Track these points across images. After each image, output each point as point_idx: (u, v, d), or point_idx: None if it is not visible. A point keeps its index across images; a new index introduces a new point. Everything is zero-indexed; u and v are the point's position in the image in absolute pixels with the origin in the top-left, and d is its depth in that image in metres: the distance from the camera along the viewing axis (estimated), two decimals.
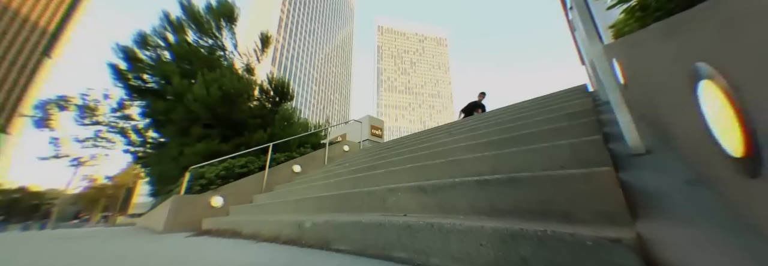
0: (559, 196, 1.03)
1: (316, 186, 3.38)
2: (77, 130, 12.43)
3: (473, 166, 1.81)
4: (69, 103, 12.57)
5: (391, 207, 1.72)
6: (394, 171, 2.37)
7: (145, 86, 8.10)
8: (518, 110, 4.04)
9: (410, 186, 1.64)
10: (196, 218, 4.33)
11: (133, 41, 8.09)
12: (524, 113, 3.27)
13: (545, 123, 2.35)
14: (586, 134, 1.63)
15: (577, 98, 3.27)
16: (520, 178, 1.17)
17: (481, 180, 1.31)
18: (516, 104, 4.97)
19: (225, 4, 8.68)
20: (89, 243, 3.58)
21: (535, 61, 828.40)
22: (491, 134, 2.67)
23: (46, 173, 79.80)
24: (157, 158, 9.09)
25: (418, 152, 3.11)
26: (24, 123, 53.57)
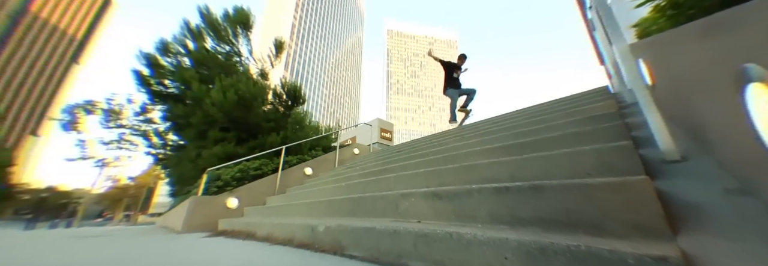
0: (588, 206, 0.95)
1: (327, 189, 3.34)
2: (102, 133, 12.76)
3: (489, 172, 1.72)
4: (95, 107, 12.98)
5: (404, 212, 1.66)
6: (405, 176, 2.31)
7: (166, 91, 8.31)
8: (533, 113, 3.83)
9: (424, 192, 1.58)
10: (213, 219, 4.36)
11: (156, 48, 8.32)
12: (540, 117, 3.08)
13: (565, 127, 2.22)
14: (612, 138, 1.53)
15: (599, 100, 3.08)
16: (543, 186, 1.09)
17: (500, 187, 1.23)
18: (530, 107, 4.72)
19: (241, 11, 8.84)
20: (110, 241, 3.64)
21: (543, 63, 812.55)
22: (506, 139, 2.55)
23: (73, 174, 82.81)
24: (176, 160, 9.29)
25: (430, 156, 3.02)
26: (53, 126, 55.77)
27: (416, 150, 3.97)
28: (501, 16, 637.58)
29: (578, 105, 3.13)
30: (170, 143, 10.29)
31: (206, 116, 7.14)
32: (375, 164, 3.92)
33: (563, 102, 3.99)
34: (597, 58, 4.43)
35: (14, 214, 46.86)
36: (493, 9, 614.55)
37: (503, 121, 3.98)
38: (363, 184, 2.73)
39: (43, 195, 47.67)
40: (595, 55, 4.49)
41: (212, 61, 8.21)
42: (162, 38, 8.38)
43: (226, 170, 5.52)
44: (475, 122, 5.40)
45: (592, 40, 4.00)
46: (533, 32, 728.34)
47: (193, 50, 8.32)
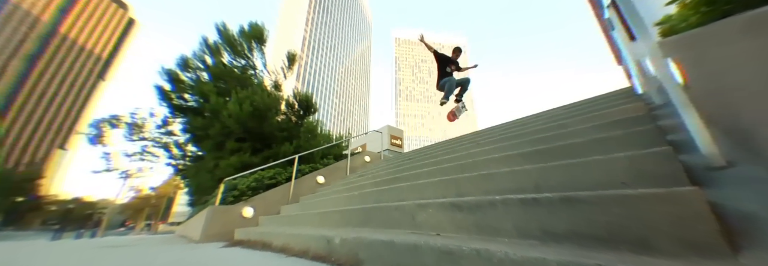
0: (631, 220, 0.85)
1: (340, 198, 3.26)
2: (126, 145, 13.13)
3: (510, 181, 1.61)
4: (120, 121, 13.43)
5: (421, 224, 1.57)
6: (419, 185, 2.20)
7: (185, 104, 8.54)
8: (552, 117, 3.56)
9: (442, 203, 1.49)
10: (230, 228, 4.35)
11: (177, 64, 8.61)
12: (561, 121, 2.85)
13: (590, 132, 2.04)
14: (646, 143, 1.41)
15: (625, 102, 2.86)
16: (577, 198, 0.99)
17: (527, 199, 1.14)
18: (549, 111, 4.42)
19: (256, 27, 9.08)
20: (133, 252, 3.65)
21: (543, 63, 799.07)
22: (525, 145, 2.39)
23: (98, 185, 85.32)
24: (195, 170, 9.45)
25: (444, 164, 2.88)
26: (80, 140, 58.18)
27: (428, 157, 3.85)
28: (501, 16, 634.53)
29: (600, 108, 2.94)
30: (189, 154, 10.50)
31: (223, 128, 7.26)
32: (387, 173, 3.82)
33: (583, 105, 3.75)
34: (614, 58, 4.27)
35: (42, 224, 48.55)
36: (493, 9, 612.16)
37: (519, 126, 3.79)
38: (376, 193, 2.65)
39: (69, 206, 49.30)
40: (612, 54, 4.33)
41: (229, 75, 8.42)
42: (182, 55, 8.68)
43: (242, 180, 5.55)
44: (489, 128, 5.16)
45: (609, 40, 3.85)
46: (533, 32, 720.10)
47: (211, 65, 8.56)
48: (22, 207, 44.96)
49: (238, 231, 3.94)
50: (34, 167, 52.63)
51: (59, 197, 53.69)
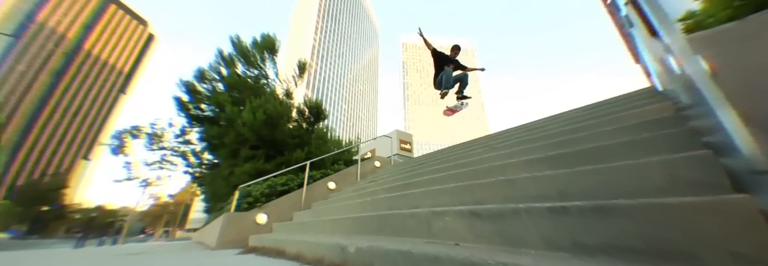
0: (673, 231, 0.77)
1: (352, 205, 3.21)
2: (146, 155, 13.46)
3: (532, 187, 1.50)
4: (140, 131, 13.82)
5: (438, 233, 1.49)
6: (434, 191, 2.11)
7: (202, 114, 8.74)
8: (571, 119, 3.33)
9: (460, 211, 1.41)
10: (244, 235, 4.35)
11: (194, 76, 8.86)
12: (581, 123, 2.67)
13: (617, 135, 1.89)
14: (680, 146, 1.30)
15: (649, 102, 2.67)
16: (612, 206, 0.91)
17: (555, 208, 1.05)
18: (566, 113, 4.16)
19: (268, 38, 9.29)
20: (153, 259, 3.68)
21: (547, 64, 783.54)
22: (545, 149, 2.24)
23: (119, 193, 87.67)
24: (211, 177, 9.58)
25: (457, 169, 2.75)
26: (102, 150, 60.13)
27: (441, 162, 3.74)
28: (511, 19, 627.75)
29: (623, 109, 2.74)
30: (206, 162, 10.68)
31: (238, 136, 7.36)
32: (398, 178, 3.74)
33: (603, 107, 3.49)
34: (631, 56, 4.11)
35: (66, 232, 49.97)
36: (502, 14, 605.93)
37: (536, 129, 3.60)
38: (388, 200, 2.59)
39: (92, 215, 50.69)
40: (628, 53, 4.18)
41: (243, 85, 8.59)
42: (199, 67, 8.95)
43: (256, 187, 5.57)
44: (503, 131, 4.94)
45: (626, 38, 3.71)
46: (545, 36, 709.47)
47: (226, 76, 8.77)
48: (47, 215, 46.50)
49: (252, 237, 3.92)
50: (59, 177, 54.54)
51: (82, 205, 55.41)
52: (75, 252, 7.17)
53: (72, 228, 50.65)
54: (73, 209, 52.39)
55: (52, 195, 46.84)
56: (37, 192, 44.72)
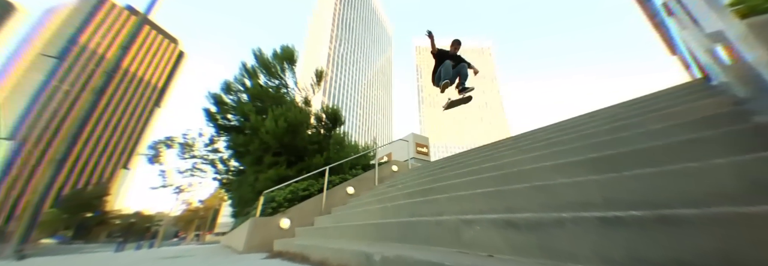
0: (755, 246, 0.66)
1: (372, 211, 3.13)
2: (179, 163, 14.04)
3: (573, 194, 1.33)
4: (173, 142, 14.49)
5: (469, 243, 1.37)
6: (459, 197, 1.96)
7: (229, 123, 9.04)
8: (610, 117, 2.92)
9: (493, 219, 1.30)
10: (269, 239, 4.42)
11: (221, 89, 9.23)
12: (621, 122, 2.33)
13: (669, 133, 1.66)
14: (747, 145, 1.12)
15: (698, 96, 2.37)
16: (679, 216, 0.79)
17: (608, 217, 0.92)
18: (605, 110, 3.71)
19: (287, 49, 9.54)
20: (189, 263, 3.80)
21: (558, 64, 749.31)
22: (583, 151, 1.98)
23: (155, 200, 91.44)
24: (237, 183, 9.84)
25: (484, 173, 2.51)
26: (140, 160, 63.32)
27: (463, 166, 3.51)
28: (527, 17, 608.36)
29: (670, 105, 2.43)
30: (232, 168, 11.01)
31: (262, 143, 7.52)
32: (418, 183, 3.60)
33: (643, 103, 3.09)
34: (666, 48, 3.81)
35: (107, 237, 52.69)
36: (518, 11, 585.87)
37: (570, 128, 3.21)
38: (410, 205, 2.49)
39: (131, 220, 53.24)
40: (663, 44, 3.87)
41: (265, 95, 8.83)
42: (225, 80, 9.33)
43: (279, 192, 5.64)
44: (530, 132, 4.52)
45: (660, 29, 3.44)
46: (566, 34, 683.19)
47: (250, 87, 9.06)
48: (90, 221, 49.25)
49: (276, 242, 3.96)
50: (101, 186, 57.87)
51: (122, 211, 58.53)
52: (117, 255, 7.52)
53: (113, 233, 53.43)
54: (113, 215, 55.40)
55: (95, 203, 49.66)
56: (81, 200, 47.56)
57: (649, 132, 1.78)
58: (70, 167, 62.67)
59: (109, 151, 72.65)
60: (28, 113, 60.70)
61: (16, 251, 4.12)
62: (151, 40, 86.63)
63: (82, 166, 66.14)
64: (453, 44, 4.84)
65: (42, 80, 64.24)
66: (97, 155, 70.10)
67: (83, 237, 48.98)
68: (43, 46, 66.31)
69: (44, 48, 65.87)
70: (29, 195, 52.34)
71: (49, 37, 68.47)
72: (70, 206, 46.03)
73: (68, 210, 45.51)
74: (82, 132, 67.83)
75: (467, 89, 4.88)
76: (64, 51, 67.75)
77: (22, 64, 66.74)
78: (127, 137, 77.52)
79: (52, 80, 65.35)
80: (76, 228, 47.30)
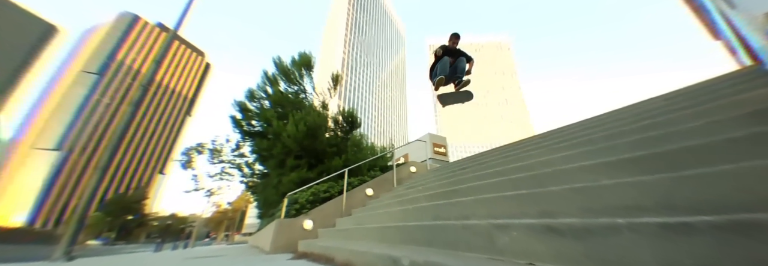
0: None
1: (393, 213, 3.04)
2: (209, 168, 14.60)
3: (620, 197, 1.16)
4: (203, 148, 15.07)
5: (504, 249, 1.25)
6: (487, 200, 1.82)
7: (253, 129, 9.28)
8: (648, 112, 2.64)
9: (531, 224, 1.18)
10: (294, 240, 4.47)
11: (245, 96, 9.49)
12: (664, 116, 2.07)
13: (723, 128, 1.43)
14: None
15: (753, 85, 2.07)
16: (761, 221, 0.66)
17: (671, 224, 0.80)
18: (644, 102, 3.34)
19: (304, 56, 9.70)
20: (221, 262, 3.90)
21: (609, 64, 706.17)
22: (626, 148, 1.75)
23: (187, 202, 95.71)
24: (262, 186, 10.07)
25: (511, 174, 2.30)
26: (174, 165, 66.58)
27: (487, 167, 3.29)
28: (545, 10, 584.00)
29: (720, 96, 2.15)
30: (257, 172, 11.29)
31: (284, 147, 7.64)
32: (439, 185, 3.44)
33: (687, 95, 2.76)
34: (708, 33, 3.48)
35: (146, 238, 55.64)
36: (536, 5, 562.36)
37: (607, 124, 2.89)
38: (432, 208, 2.38)
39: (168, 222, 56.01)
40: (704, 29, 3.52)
41: (285, 100, 8.99)
42: (249, 88, 9.63)
43: (302, 194, 5.69)
44: (559, 129, 4.18)
45: (699, 13, 3.12)
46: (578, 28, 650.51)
47: (271, 94, 9.26)
48: (131, 224, 52.16)
49: (301, 243, 3.98)
50: (140, 191, 61.30)
51: (159, 214, 61.73)
52: (157, 255, 7.84)
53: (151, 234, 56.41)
54: (151, 217, 58.52)
55: (134, 206, 52.60)
56: (122, 204, 50.54)
57: (701, 127, 1.56)
58: (111, 173, 66.90)
59: (146, 158, 77.07)
60: (73, 125, 65.49)
61: (65, 253, 4.34)
62: (180, 54, 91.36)
63: (123, 172, 70.49)
64: (451, 38, 4.53)
65: (84, 95, 69.19)
66: (136, 162, 74.51)
67: (125, 238, 51.99)
68: (84, 64, 71.57)
69: (85, 65, 71.07)
70: (76, 200, 56.33)
71: (89, 54, 73.87)
72: (113, 209, 48.99)
73: (111, 213, 48.45)
74: (122, 141, 72.07)
75: (464, 83, 4.51)
76: (103, 67, 72.70)
77: (66, 80, 72.30)
78: (162, 145, 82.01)
79: (94, 94, 70.26)
80: (118, 230, 50.26)
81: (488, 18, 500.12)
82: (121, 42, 77.18)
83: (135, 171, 73.77)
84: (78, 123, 66.20)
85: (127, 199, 52.75)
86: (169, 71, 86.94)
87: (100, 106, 70.32)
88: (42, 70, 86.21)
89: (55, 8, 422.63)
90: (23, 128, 70.33)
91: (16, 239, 21.08)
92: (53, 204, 58.90)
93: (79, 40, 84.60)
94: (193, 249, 13.93)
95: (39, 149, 61.46)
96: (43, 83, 79.71)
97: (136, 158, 74.97)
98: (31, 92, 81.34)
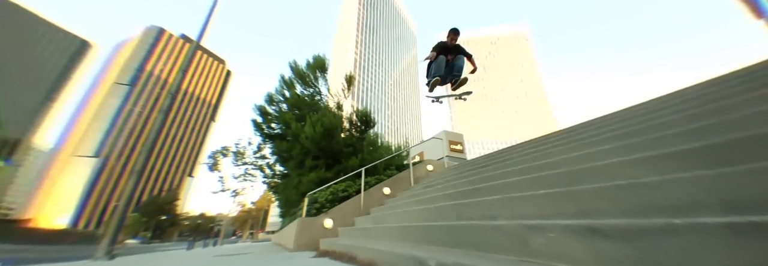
0: None
1: (412, 212, 2.95)
2: (233, 169, 15.07)
3: (671, 194, 1.02)
4: (228, 151, 15.55)
5: (539, 252, 1.15)
6: (516, 199, 1.68)
7: (273, 132, 9.47)
8: (693, 100, 2.35)
9: (569, 225, 1.06)
10: (315, 238, 4.50)
11: (264, 101, 9.69)
12: (711, 105, 1.82)
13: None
14: None
15: None
16: None
17: (739, 224, 0.69)
18: (691, 88, 2.95)
19: (318, 58, 9.77)
20: (251, 259, 3.99)
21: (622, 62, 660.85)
22: (674, 140, 1.54)
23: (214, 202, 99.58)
24: (283, 186, 10.26)
25: (540, 171, 2.10)
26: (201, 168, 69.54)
27: (512, 164, 3.06)
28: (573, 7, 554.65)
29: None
30: (278, 173, 11.54)
31: (303, 148, 7.73)
32: (460, 183, 3.29)
33: (737, 80, 2.43)
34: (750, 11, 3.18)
35: (179, 236, 58.43)
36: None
37: (648, 114, 2.57)
38: (455, 207, 2.27)
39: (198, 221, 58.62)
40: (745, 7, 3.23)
41: (302, 103, 9.09)
42: (268, 92, 9.83)
43: (321, 194, 5.73)
44: (590, 121, 3.82)
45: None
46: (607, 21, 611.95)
47: (288, 97, 9.40)
48: (164, 223, 54.90)
49: (322, 241, 4.00)
50: (171, 192, 64.47)
51: (190, 214, 64.63)
52: (191, 252, 8.15)
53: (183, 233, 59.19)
54: (183, 217, 61.40)
55: (167, 207, 55.35)
56: (156, 205, 53.28)
57: (759, 115, 1.33)
58: (145, 177, 70.68)
59: (176, 162, 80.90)
60: (109, 133, 69.64)
61: (107, 252, 4.56)
62: (203, 63, 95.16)
63: (155, 176, 74.30)
64: (449, 34, 4.15)
65: (118, 105, 73.41)
66: (167, 166, 78.36)
67: (159, 237, 54.85)
68: (117, 76, 75.85)
69: (117, 77, 75.36)
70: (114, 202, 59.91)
71: (120, 67, 78.42)
72: (148, 210, 51.75)
73: (146, 214, 51.18)
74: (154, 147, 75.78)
75: (461, 82, 4.20)
76: (133, 78, 76.83)
77: (101, 92, 76.97)
78: (190, 149, 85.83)
79: (126, 103, 74.41)
80: (153, 229, 53.05)
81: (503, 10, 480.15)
82: (149, 54, 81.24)
83: (166, 174, 77.65)
84: (113, 131, 70.38)
85: (161, 200, 55.58)
86: (193, 79, 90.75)
87: (133, 114, 74.47)
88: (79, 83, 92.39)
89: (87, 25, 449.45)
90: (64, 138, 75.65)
91: (61, 240, 22.70)
92: (93, 206, 62.95)
93: (110, 54, 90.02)
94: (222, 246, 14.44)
95: (79, 157, 65.83)
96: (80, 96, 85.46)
97: (167, 162, 78.88)
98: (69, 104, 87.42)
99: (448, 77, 4.16)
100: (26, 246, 16.08)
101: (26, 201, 65.62)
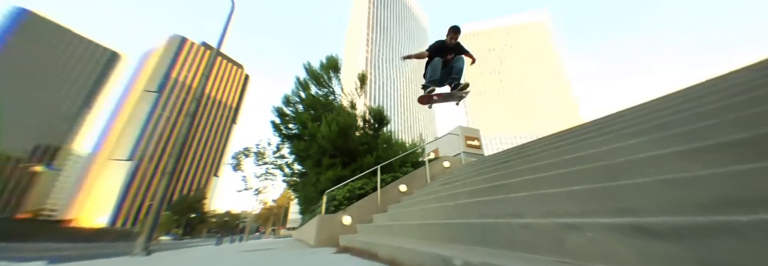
0: None
1: (431, 210, 2.86)
2: (255, 169, 15.54)
3: (729, 188, 0.89)
4: (249, 151, 16.05)
5: (576, 252, 1.05)
6: (545, 196, 1.56)
7: (290, 132, 9.63)
8: (732, 87, 2.14)
9: (609, 224, 0.96)
10: (334, 235, 4.51)
11: (282, 102, 9.86)
12: (760, 91, 1.66)
13: None
14: None
15: None
16: None
17: None
18: (734, 74, 2.68)
19: (331, 59, 9.80)
20: (275, 254, 4.10)
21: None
22: (712, 132, 1.40)
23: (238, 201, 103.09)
24: (302, 184, 10.44)
25: (571, 166, 1.93)
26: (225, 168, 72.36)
27: (536, 159, 2.85)
28: None
29: None
30: (296, 171, 11.77)
31: (319, 148, 7.81)
32: (483, 179, 3.11)
33: None
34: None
35: (207, 233, 61.21)
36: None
37: (689, 102, 2.34)
38: (477, 205, 2.16)
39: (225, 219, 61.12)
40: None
41: (317, 103, 9.17)
42: (285, 94, 10.01)
43: (339, 191, 5.75)
44: (623, 111, 3.51)
45: None
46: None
47: (304, 98, 9.51)
48: (194, 221, 57.56)
49: (341, 237, 4.00)
50: (199, 192, 67.48)
51: (216, 212, 67.50)
52: (219, 248, 8.46)
53: (211, 230, 61.91)
54: (210, 215, 64.19)
55: (196, 205, 57.97)
56: (186, 204, 55.94)
57: None
58: (176, 178, 74.32)
59: (202, 162, 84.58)
60: (141, 138, 73.60)
61: (144, 248, 4.78)
62: (223, 68, 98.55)
63: (184, 176, 78.01)
64: (449, 32, 3.79)
65: (148, 111, 77.35)
66: (194, 167, 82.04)
67: (189, 233, 57.69)
68: (145, 83, 79.88)
69: (146, 84, 79.35)
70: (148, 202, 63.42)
71: (148, 75, 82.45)
72: (179, 209, 54.42)
73: (177, 212, 53.84)
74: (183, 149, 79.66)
75: (462, 87, 3.90)
76: (161, 85, 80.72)
77: (132, 99, 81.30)
78: (215, 150, 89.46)
79: (156, 109, 78.29)
80: (184, 226, 55.78)
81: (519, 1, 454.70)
82: (173, 62, 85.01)
83: (194, 175, 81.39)
84: (145, 135, 74.33)
85: (190, 199, 58.31)
86: (215, 84, 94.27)
87: (162, 119, 78.33)
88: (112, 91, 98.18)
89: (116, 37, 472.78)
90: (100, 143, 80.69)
91: (101, 238, 24.30)
92: (129, 206, 66.97)
93: (138, 63, 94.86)
94: (247, 242, 14.95)
95: (114, 160, 70.03)
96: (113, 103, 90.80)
97: (194, 163, 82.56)
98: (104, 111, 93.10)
99: (447, 80, 3.88)
100: (69, 244, 17.30)
101: (68, 203, 70.55)
